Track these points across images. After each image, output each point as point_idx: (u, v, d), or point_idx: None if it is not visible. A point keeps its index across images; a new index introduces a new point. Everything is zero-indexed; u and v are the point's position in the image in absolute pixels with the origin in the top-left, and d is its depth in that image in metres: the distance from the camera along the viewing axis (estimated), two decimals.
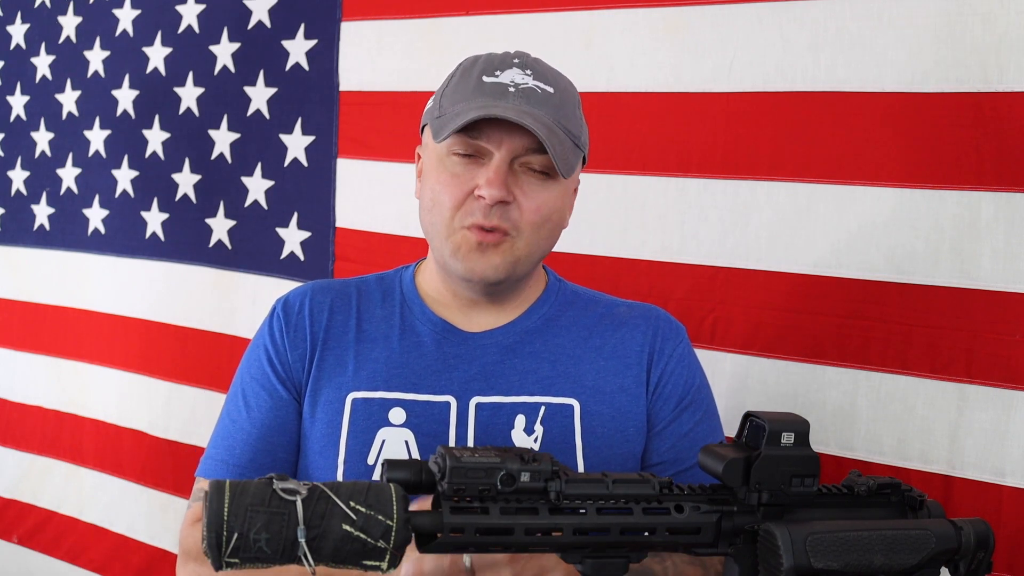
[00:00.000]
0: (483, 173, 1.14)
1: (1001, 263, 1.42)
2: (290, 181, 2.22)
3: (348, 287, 1.30)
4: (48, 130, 2.72)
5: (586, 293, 1.35)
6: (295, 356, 1.24)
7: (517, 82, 1.16)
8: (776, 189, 1.61)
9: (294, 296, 1.29)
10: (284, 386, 1.24)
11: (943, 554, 0.90)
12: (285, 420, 1.23)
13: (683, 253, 1.71)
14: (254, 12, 2.25)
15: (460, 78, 1.20)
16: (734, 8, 1.63)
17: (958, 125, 1.45)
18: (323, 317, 1.26)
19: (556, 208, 1.20)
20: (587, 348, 1.26)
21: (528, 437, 1.20)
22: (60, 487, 2.74)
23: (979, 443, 1.45)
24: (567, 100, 1.20)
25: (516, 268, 1.19)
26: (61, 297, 2.71)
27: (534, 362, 1.24)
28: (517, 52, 1.22)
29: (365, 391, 1.21)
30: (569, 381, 1.23)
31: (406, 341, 1.24)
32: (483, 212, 1.15)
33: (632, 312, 1.31)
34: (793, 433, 0.89)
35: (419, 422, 1.19)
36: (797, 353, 1.60)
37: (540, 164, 1.16)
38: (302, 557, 0.78)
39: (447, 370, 1.22)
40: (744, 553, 0.90)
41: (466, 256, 1.17)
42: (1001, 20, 1.41)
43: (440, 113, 1.18)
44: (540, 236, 1.20)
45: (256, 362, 1.26)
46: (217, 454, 1.24)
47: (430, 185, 1.20)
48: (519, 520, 0.84)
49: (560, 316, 1.29)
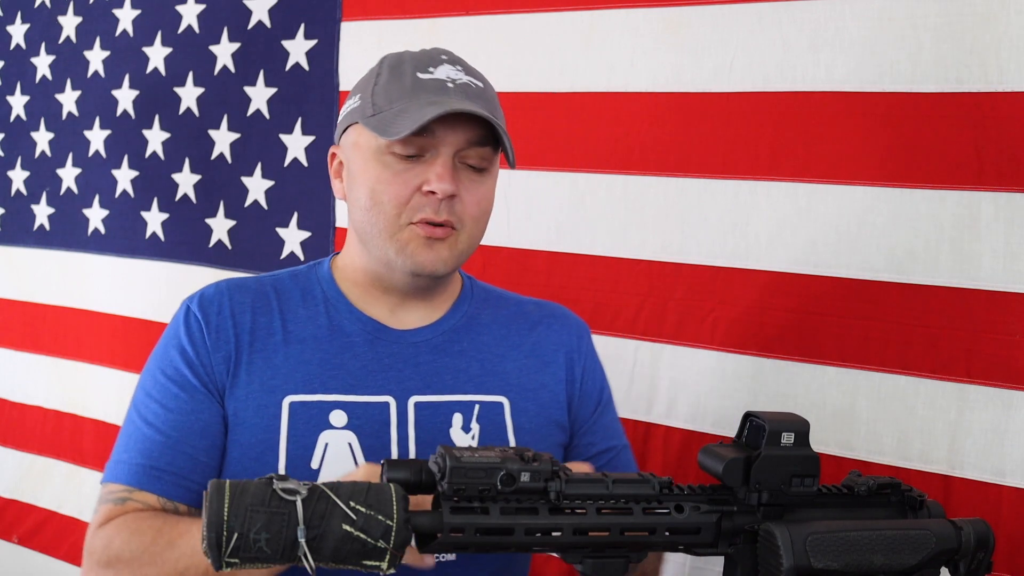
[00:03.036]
0: (431, 169, 1.14)
1: (1001, 263, 1.42)
2: (290, 181, 2.22)
3: (264, 286, 1.26)
4: (48, 130, 2.72)
5: (496, 291, 1.37)
6: (218, 358, 1.18)
7: (453, 78, 1.16)
8: (776, 189, 1.61)
9: (210, 295, 1.24)
10: (206, 388, 1.18)
11: (943, 554, 0.90)
12: (207, 423, 1.17)
13: (683, 253, 1.71)
14: (254, 12, 2.25)
15: (390, 76, 1.18)
16: (734, 8, 1.63)
17: (958, 125, 1.45)
18: (246, 318, 1.21)
19: (490, 200, 1.22)
20: (508, 346, 1.29)
21: (466, 435, 1.21)
22: (60, 487, 2.74)
23: (979, 443, 1.45)
24: (493, 93, 1.22)
25: (459, 260, 1.21)
26: (61, 297, 2.71)
27: (464, 360, 1.25)
28: (440, 48, 1.22)
29: (302, 394, 1.18)
30: (497, 379, 1.25)
31: (336, 341, 1.22)
32: (433, 207, 1.14)
33: (542, 311, 1.35)
34: (793, 433, 0.89)
35: (360, 423, 1.18)
36: (797, 353, 1.60)
37: (478, 158, 1.17)
38: (302, 557, 0.78)
39: (383, 370, 1.21)
40: (744, 553, 0.90)
41: (415, 252, 1.16)
42: (1001, 20, 1.41)
43: (375, 111, 1.16)
44: (480, 229, 1.21)
45: (171, 363, 1.19)
46: (131, 458, 1.16)
47: (366, 184, 1.17)
48: (519, 520, 0.84)
49: (479, 314, 1.30)
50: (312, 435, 1.16)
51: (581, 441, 1.30)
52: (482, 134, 1.15)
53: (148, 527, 1.10)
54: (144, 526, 1.10)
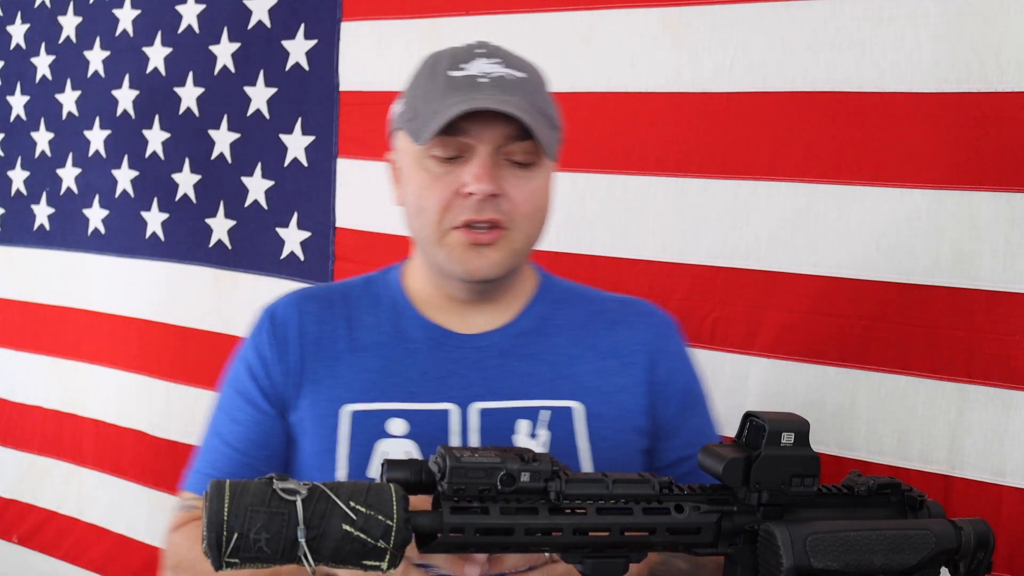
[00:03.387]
0: (468, 170, 1.11)
1: (1001, 263, 1.42)
2: (290, 181, 2.22)
3: (334, 294, 1.27)
4: (48, 130, 2.72)
5: (575, 289, 1.32)
6: (282, 369, 1.20)
7: (487, 71, 1.13)
8: (776, 189, 1.61)
9: (281, 306, 1.26)
10: (268, 401, 1.21)
11: (943, 554, 0.90)
12: (268, 435, 1.20)
13: (683, 253, 1.71)
14: (254, 12, 2.25)
15: (428, 77, 1.16)
16: (734, 8, 1.63)
17: (958, 125, 1.45)
18: (312, 328, 1.22)
19: (544, 196, 1.18)
20: (584, 348, 1.24)
21: (533, 442, 1.17)
22: (60, 487, 2.74)
23: (979, 443, 1.45)
24: (538, 83, 1.18)
25: (515, 261, 1.18)
26: (61, 297, 2.71)
27: (533, 364, 1.21)
28: (480, 42, 1.18)
29: (361, 403, 1.18)
30: (569, 383, 1.20)
31: (399, 348, 1.21)
32: (473, 208, 1.12)
33: (625, 308, 1.29)
34: (793, 433, 0.89)
35: (420, 432, 1.16)
36: (797, 353, 1.60)
37: (522, 153, 1.13)
38: (302, 557, 0.78)
39: (445, 376, 1.19)
40: (744, 553, 0.90)
41: (462, 258, 1.14)
42: (1001, 20, 1.41)
43: (414, 115, 1.15)
44: (534, 226, 1.18)
45: (241, 375, 1.23)
46: (202, 468, 1.22)
47: (412, 190, 1.17)
48: (519, 520, 0.84)
49: (554, 315, 1.26)
50: (370, 444, 1.15)
51: (661, 446, 1.24)
52: (522, 128, 1.10)
53: None
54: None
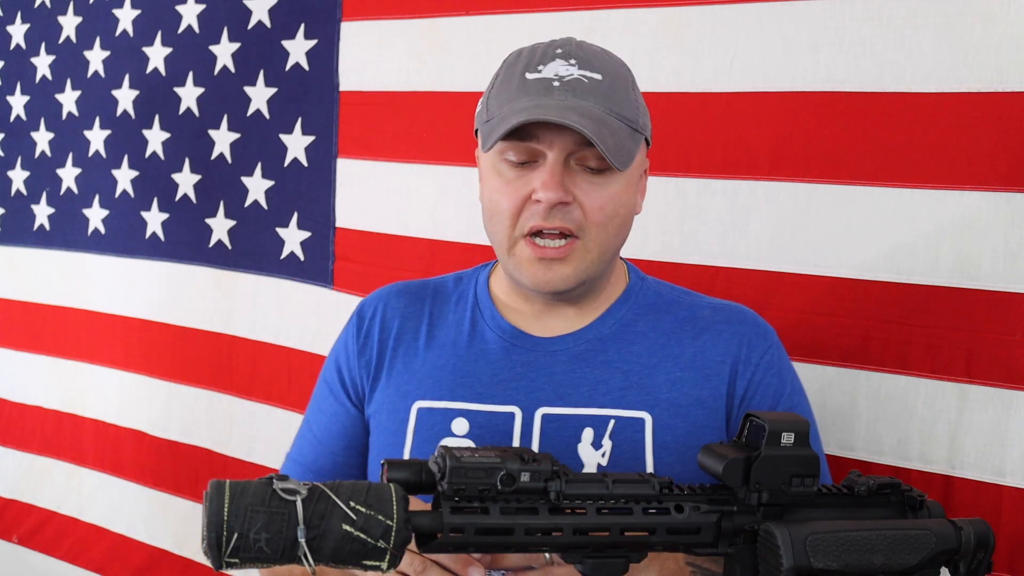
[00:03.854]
0: (538, 176, 1.09)
1: (1001, 263, 1.42)
2: (290, 181, 2.22)
3: (426, 289, 1.29)
4: (48, 130, 2.72)
5: (670, 293, 1.27)
6: (362, 363, 1.25)
7: (562, 75, 1.10)
8: (776, 189, 1.61)
9: (370, 300, 1.30)
10: (347, 393, 1.26)
11: (943, 554, 0.90)
12: (344, 426, 1.26)
13: (683, 253, 1.71)
14: (254, 12, 2.25)
15: (504, 77, 1.14)
16: (734, 8, 1.63)
17: (958, 125, 1.45)
18: (394, 324, 1.25)
19: (621, 202, 1.14)
20: (663, 357, 1.19)
21: (596, 452, 1.15)
22: (60, 487, 2.74)
23: (979, 443, 1.45)
24: (617, 84, 1.13)
25: (590, 272, 1.14)
26: (61, 297, 2.71)
27: (606, 372, 1.18)
28: (563, 40, 1.15)
29: (430, 400, 1.19)
30: (642, 393, 1.17)
31: (474, 348, 1.21)
32: (542, 215, 1.10)
33: (716, 316, 1.23)
34: (793, 433, 0.89)
35: (481, 433, 1.16)
36: (797, 353, 1.60)
37: (596, 159, 1.10)
38: (302, 557, 0.78)
39: (514, 379, 1.18)
40: (744, 553, 0.90)
41: (530, 271, 1.13)
42: (1001, 20, 1.41)
43: (488, 117, 1.13)
44: (609, 234, 1.14)
45: (330, 367, 1.29)
46: (292, 454, 1.30)
47: (486, 193, 1.16)
48: (519, 520, 0.84)
49: (637, 321, 1.22)
50: (433, 442, 1.16)
51: None
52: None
53: None
54: None
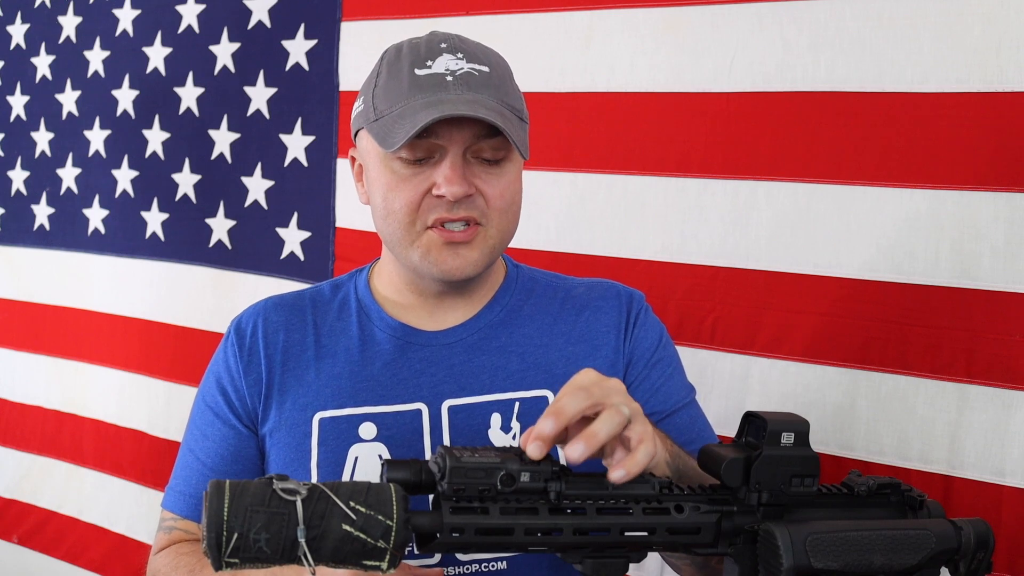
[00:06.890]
0: (438, 171, 1.09)
1: (1001, 263, 1.42)
2: (290, 181, 2.22)
3: (302, 300, 1.26)
4: (48, 130, 2.72)
5: (543, 278, 1.30)
6: (249, 382, 1.19)
7: (452, 69, 1.09)
8: (776, 189, 1.61)
9: (246, 317, 1.24)
10: (236, 415, 1.20)
11: (943, 554, 0.90)
12: (239, 449, 1.20)
13: (683, 253, 1.71)
14: (254, 12, 2.25)
15: (389, 74, 1.12)
16: (734, 8, 1.63)
17: (958, 125, 1.45)
18: (278, 337, 1.21)
19: (516, 189, 1.16)
20: (554, 335, 1.22)
21: (506, 435, 1.17)
22: (60, 487, 2.74)
23: (979, 443, 1.45)
24: (504, 76, 1.14)
25: (492, 257, 1.16)
26: (61, 297, 2.71)
27: (502, 357, 1.20)
28: (442, 34, 1.14)
29: (332, 409, 1.16)
30: (540, 372, 1.19)
31: (368, 351, 1.20)
32: (446, 207, 1.10)
33: (591, 293, 1.27)
34: (793, 433, 0.89)
35: (391, 434, 1.15)
36: (797, 353, 1.60)
37: (491, 150, 1.11)
38: (302, 557, 0.78)
39: (414, 376, 1.18)
40: (744, 553, 0.90)
41: (437, 258, 1.13)
42: (1001, 20, 1.41)
43: (377, 116, 1.11)
44: (508, 220, 1.16)
45: (211, 390, 1.22)
46: (176, 485, 1.22)
47: (378, 191, 1.14)
48: (519, 520, 0.84)
49: (522, 306, 1.25)
50: (342, 450, 1.15)
51: None
52: (492, 126, 1.07)
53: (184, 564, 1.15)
54: (182, 563, 1.15)
